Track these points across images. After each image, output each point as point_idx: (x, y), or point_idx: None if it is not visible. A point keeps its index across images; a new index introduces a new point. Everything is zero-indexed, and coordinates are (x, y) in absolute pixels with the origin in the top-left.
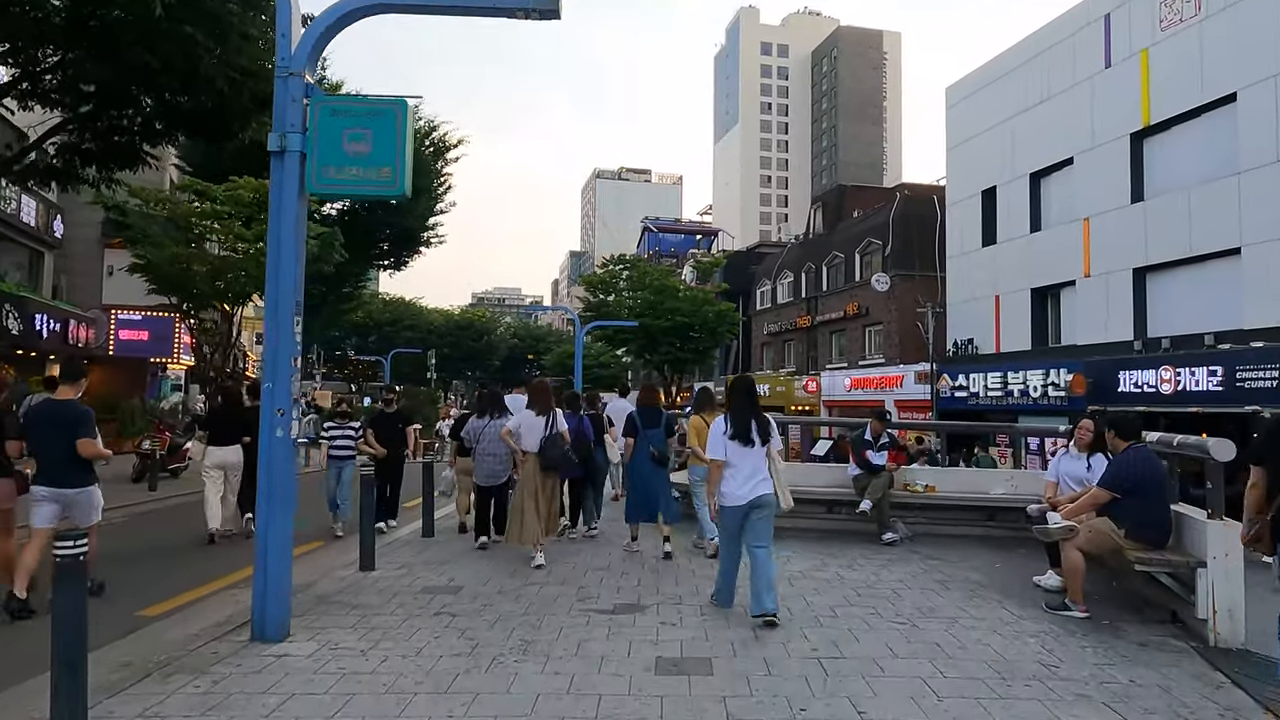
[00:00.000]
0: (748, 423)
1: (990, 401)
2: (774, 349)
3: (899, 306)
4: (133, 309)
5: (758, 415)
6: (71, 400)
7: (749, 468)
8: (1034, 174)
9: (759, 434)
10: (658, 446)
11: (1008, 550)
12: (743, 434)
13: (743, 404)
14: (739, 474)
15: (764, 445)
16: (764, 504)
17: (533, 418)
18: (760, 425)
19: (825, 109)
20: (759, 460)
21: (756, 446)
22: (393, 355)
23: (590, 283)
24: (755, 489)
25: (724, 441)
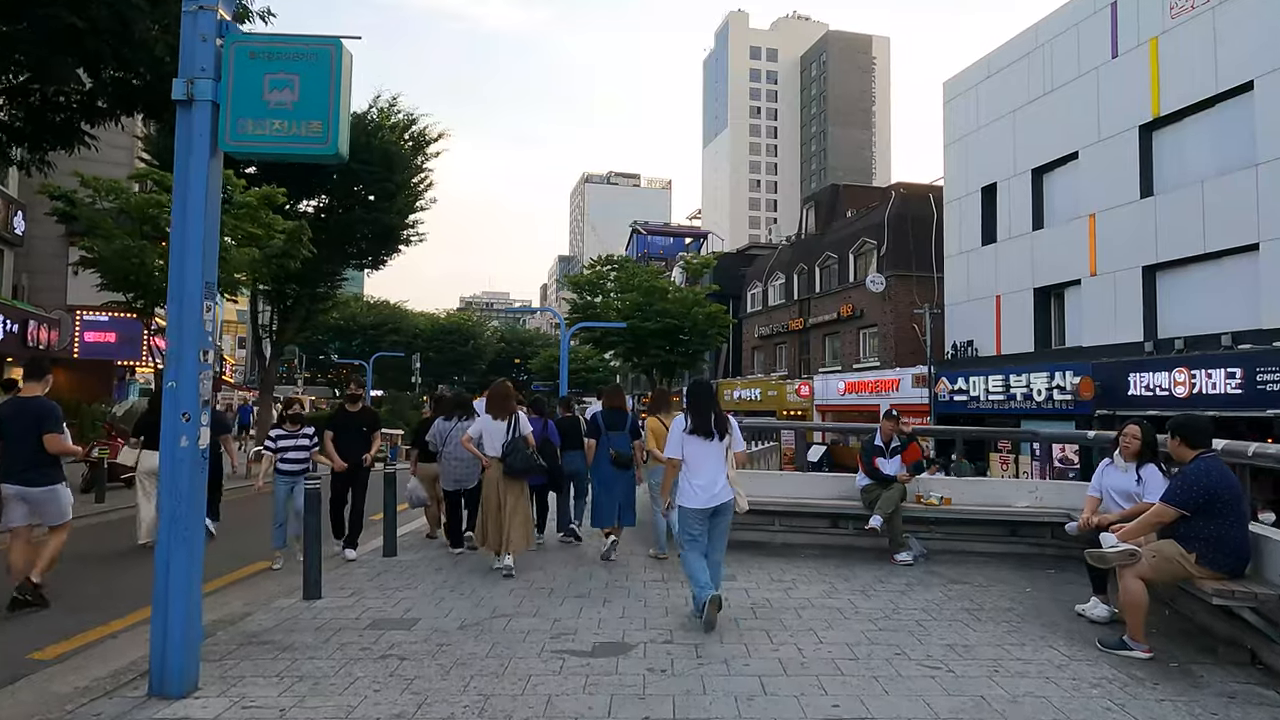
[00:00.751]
0: (708, 416)
1: (991, 405)
2: (765, 352)
3: (895, 308)
4: (99, 310)
5: (717, 410)
6: (38, 396)
7: (710, 469)
8: (1037, 169)
9: (718, 427)
10: (619, 449)
11: (1034, 569)
12: (703, 427)
13: (703, 402)
14: (701, 476)
15: (723, 440)
16: (726, 510)
17: (492, 422)
18: (719, 420)
19: (814, 113)
20: (719, 461)
21: (716, 441)
22: (375, 359)
23: (577, 284)
24: (718, 494)
25: (682, 440)
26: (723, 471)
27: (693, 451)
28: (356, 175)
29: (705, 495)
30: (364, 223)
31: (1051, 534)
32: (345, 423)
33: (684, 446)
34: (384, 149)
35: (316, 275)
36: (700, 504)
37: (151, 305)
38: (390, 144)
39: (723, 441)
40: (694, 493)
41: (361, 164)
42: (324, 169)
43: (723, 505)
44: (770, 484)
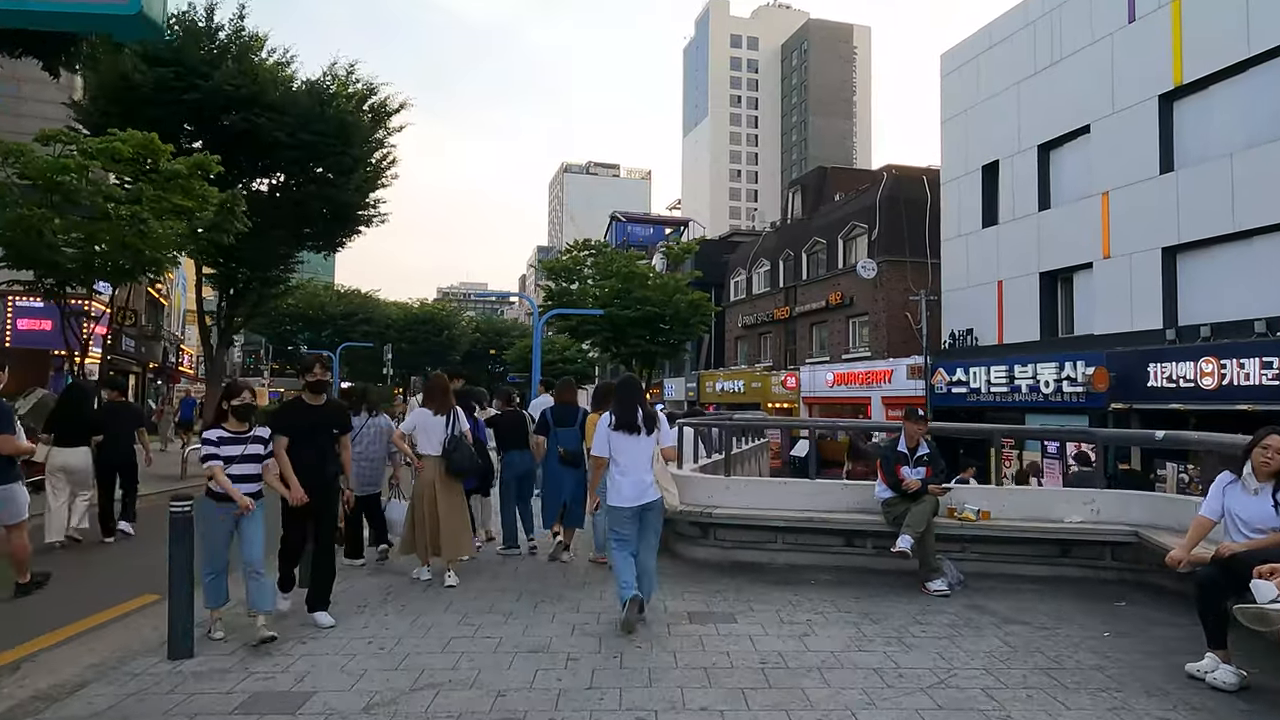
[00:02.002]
0: (633, 411)
1: (994, 398)
2: (749, 343)
3: (887, 295)
4: (36, 296)
5: (644, 405)
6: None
7: (638, 466)
8: (1043, 145)
9: (645, 423)
10: (568, 446)
11: (1098, 601)
12: (628, 423)
13: (629, 397)
14: (628, 473)
15: (650, 435)
16: (655, 509)
17: (430, 417)
18: (646, 415)
19: (795, 102)
20: (647, 458)
21: (643, 437)
22: (342, 349)
23: (552, 269)
24: (645, 492)
25: (608, 435)
26: (650, 468)
27: (619, 448)
28: (310, 148)
29: (633, 493)
30: (318, 200)
31: (1112, 554)
32: (304, 422)
33: (610, 443)
34: (339, 119)
35: (268, 258)
36: (627, 502)
37: (61, 285)
38: (346, 114)
39: (650, 437)
40: (621, 491)
41: (316, 135)
42: (276, 144)
43: (652, 504)
44: (770, 494)
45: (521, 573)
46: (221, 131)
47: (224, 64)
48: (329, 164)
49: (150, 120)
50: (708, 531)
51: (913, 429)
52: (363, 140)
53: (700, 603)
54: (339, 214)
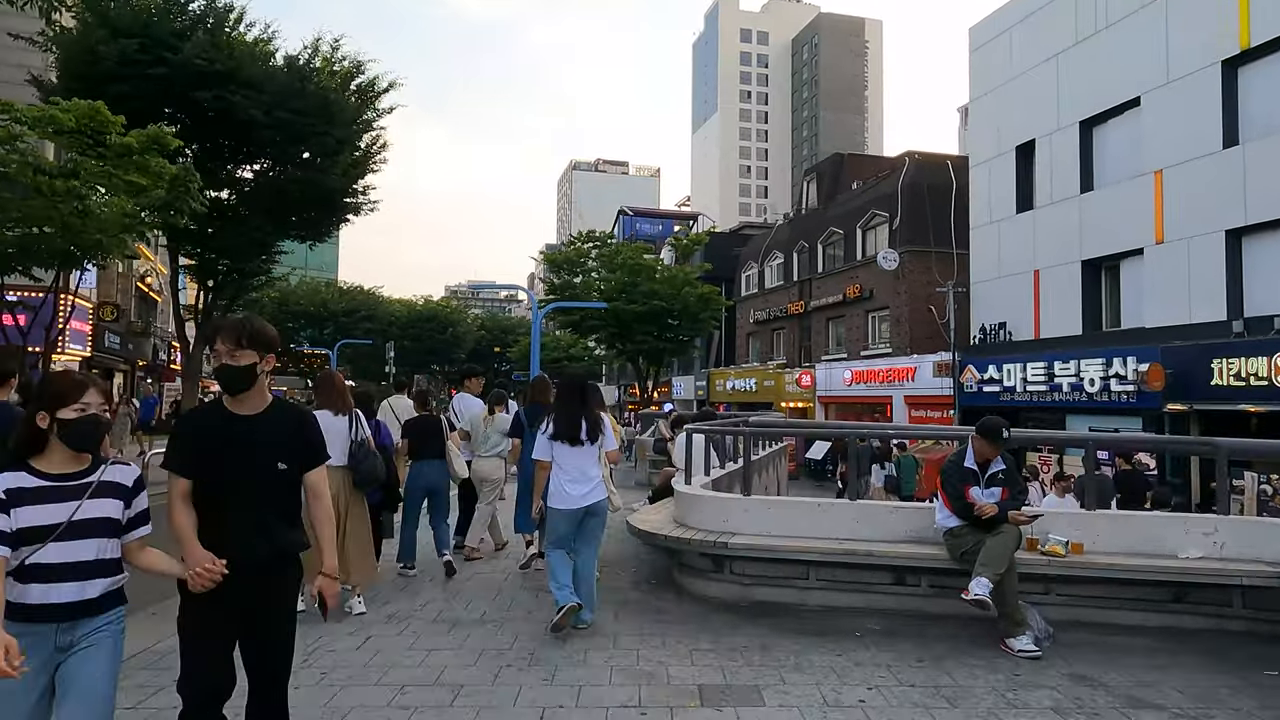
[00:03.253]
0: (576, 422)
1: (1030, 396)
2: (761, 339)
3: (909, 288)
4: (9, 289)
5: (587, 414)
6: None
7: (578, 469)
8: (1086, 121)
9: (588, 434)
10: None
11: (1231, 664)
12: (569, 434)
13: (570, 402)
14: (569, 475)
15: (594, 445)
16: (598, 511)
17: (330, 418)
18: (590, 424)
19: (806, 97)
20: (590, 460)
21: (586, 447)
22: (340, 346)
23: (554, 262)
24: (589, 494)
25: (549, 443)
26: (596, 469)
27: (562, 454)
28: (289, 127)
29: (576, 495)
30: (299, 185)
31: (1243, 600)
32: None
33: (552, 450)
34: (321, 96)
35: (246, 248)
36: (571, 505)
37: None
38: (329, 91)
39: (595, 445)
40: (564, 493)
41: (294, 114)
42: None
43: (595, 506)
44: (801, 518)
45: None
46: (197, 113)
47: (195, 36)
48: (310, 145)
49: (116, 98)
50: (722, 564)
51: (985, 447)
52: (348, 121)
53: (715, 668)
54: (324, 201)
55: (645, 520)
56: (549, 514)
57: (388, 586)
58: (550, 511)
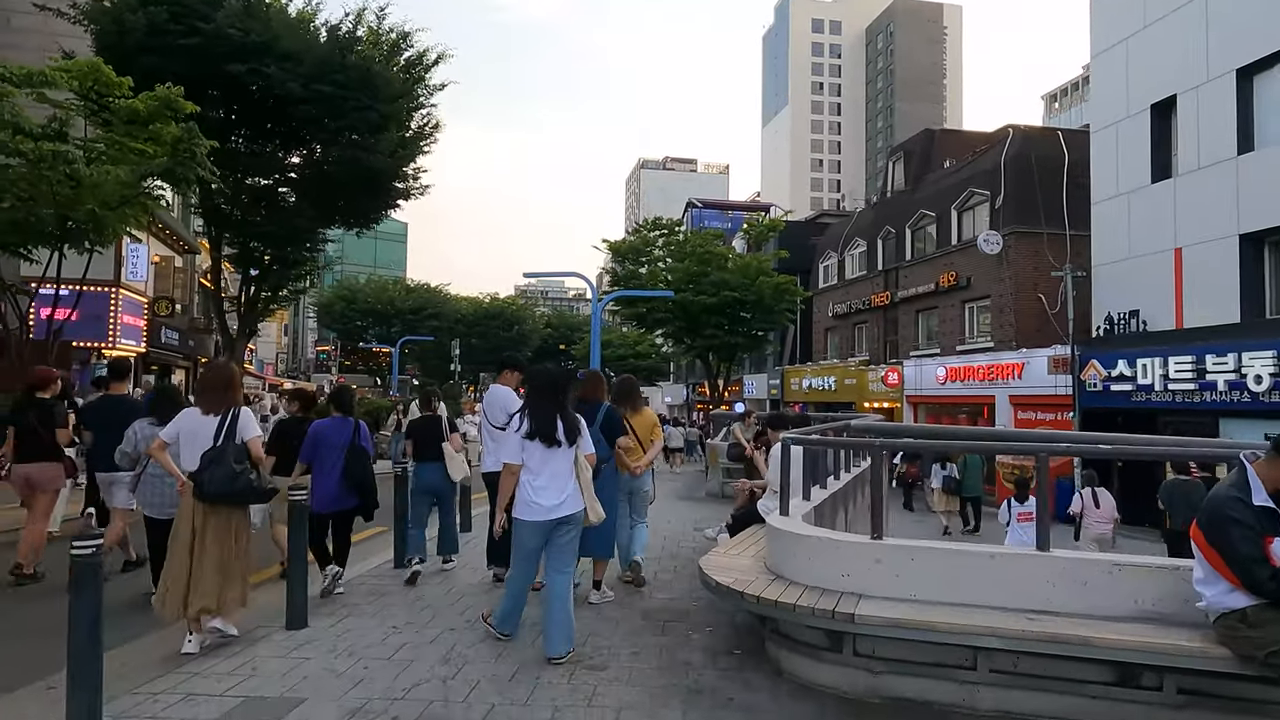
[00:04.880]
0: (552, 420)
1: (1172, 397)
2: (841, 334)
3: (1015, 274)
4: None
5: (564, 413)
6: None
7: (552, 474)
8: (1244, 70)
9: (566, 435)
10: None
11: None
12: (546, 433)
13: (545, 400)
14: (541, 481)
15: (571, 448)
16: (573, 521)
17: (198, 418)
18: (568, 424)
19: (880, 88)
20: (566, 466)
21: (563, 449)
22: (401, 344)
23: (619, 250)
24: (564, 503)
25: (520, 443)
26: (570, 475)
27: (535, 457)
28: (329, 102)
29: (549, 505)
30: (342, 165)
31: None
32: None
33: (524, 452)
34: (363, 68)
35: (287, 234)
36: (540, 516)
37: None
38: (371, 62)
39: (572, 449)
40: (534, 503)
41: (334, 87)
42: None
43: (570, 518)
44: (960, 571)
45: None
46: (239, 93)
47: (228, 3)
48: (352, 121)
49: (147, 72)
50: (842, 641)
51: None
52: (393, 95)
53: None
54: (369, 182)
55: (725, 566)
56: (515, 527)
57: None
58: (516, 524)
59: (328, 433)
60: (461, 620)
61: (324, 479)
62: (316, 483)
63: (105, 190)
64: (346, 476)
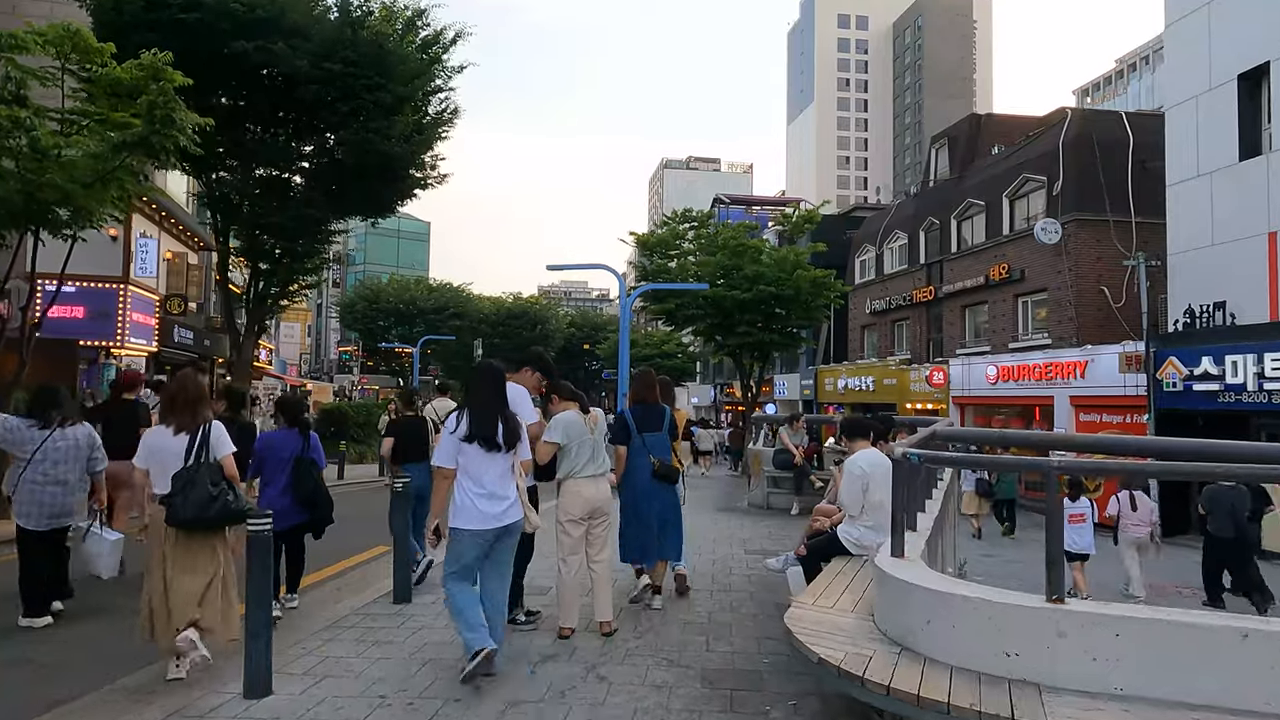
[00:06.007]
0: (493, 421)
1: (1269, 398)
2: (879, 331)
3: (1075, 265)
4: (67, 279)
5: (506, 415)
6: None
7: (496, 482)
8: None
9: (507, 438)
10: (661, 457)
11: None
12: (485, 436)
13: (487, 397)
14: (485, 488)
15: (509, 452)
16: (514, 533)
17: (166, 438)
18: (509, 426)
19: (908, 83)
20: (505, 471)
21: (502, 454)
22: (423, 343)
23: (647, 244)
24: (504, 513)
25: (456, 445)
26: (510, 482)
27: (471, 461)
28: (339, 81)
29: (489, 513)
30: (353, 149)
31: None
32: None
33: (459, 456)
34: (375, 44)
35: (298, 225)
36: (479, 525)
37: None
38: (384, 38)
39: (510, 452)
40: (475, 510)
41: (344, 65)
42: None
43: (512, 527)
44: (1194, 653)
45: None
46: (243, 75)
47: None
48: (364, 102)
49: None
50: None
51: None
52: (408, 75)
53: None
54: (382, 169)
55: (821, 627)
56: (453, 537)
57: None
58: (454, 534)
59: (275, 444)
60: (470, 686)
61: (269, 491)
62: (263, 497)
63: (78, 166)
64: (295, 489)
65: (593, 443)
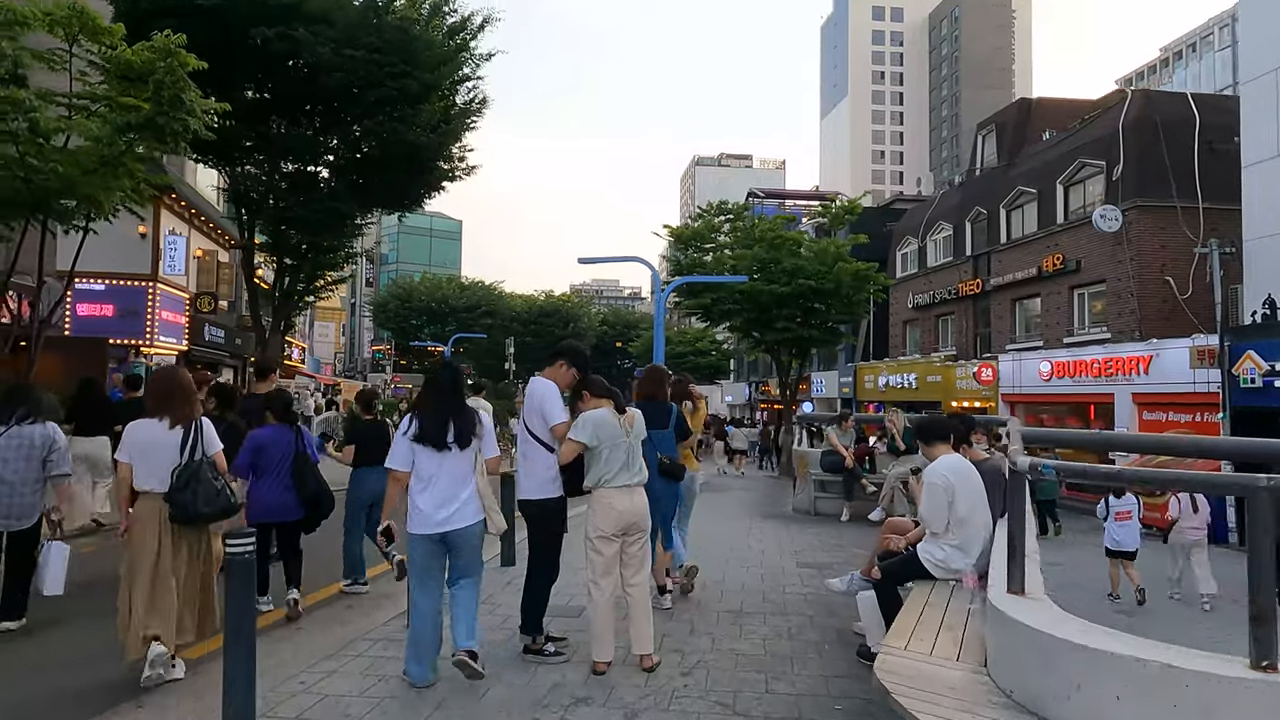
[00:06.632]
0: (443, 421)
1: None
2: (922, 327)
3: (1138, 254)
4: (96, 277)
5: (460, 411)
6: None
7: (447, 483)
8: None
9: (457, 438)
10: (668, 453)
11: None
12: (435, 436)
13: (438, 398)
14: (432, 490)
15: (466, 452)
16: (465, 537)
17: (156, 430)
18: (461, 425)
19: (945, 75)
20: (461, 472)
21: (455, 453)
22: (454, 341)
23: (681, 236)
24: (454, 515)
25: (408, 446)
26: (465, 482)
27: (423, 462)
28: (362, 68)
29: (437, 517)
30: (378, 139)
31: None
32: None
33: (413, 455)
34: (400, 29)
35: (322, 219)
36: (428, 529)
37: None
38: (409, 23)
39: (467, 452)
40: (419, 514)
41: (368, 52)
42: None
43: (460, 532)
44: None
45: None
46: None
47: None
48: (389, 90)
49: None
50: None
51: None
52: (434, 62)
53: None
54: (408, 160)
55: (922, 683)
56: (409, 542)
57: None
58: (409, 539)
59: (267, 441)
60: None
61: (264, 487)
62: (256, 491)
63: (81, 151)
64: (298, 486)
65: (627, 446)
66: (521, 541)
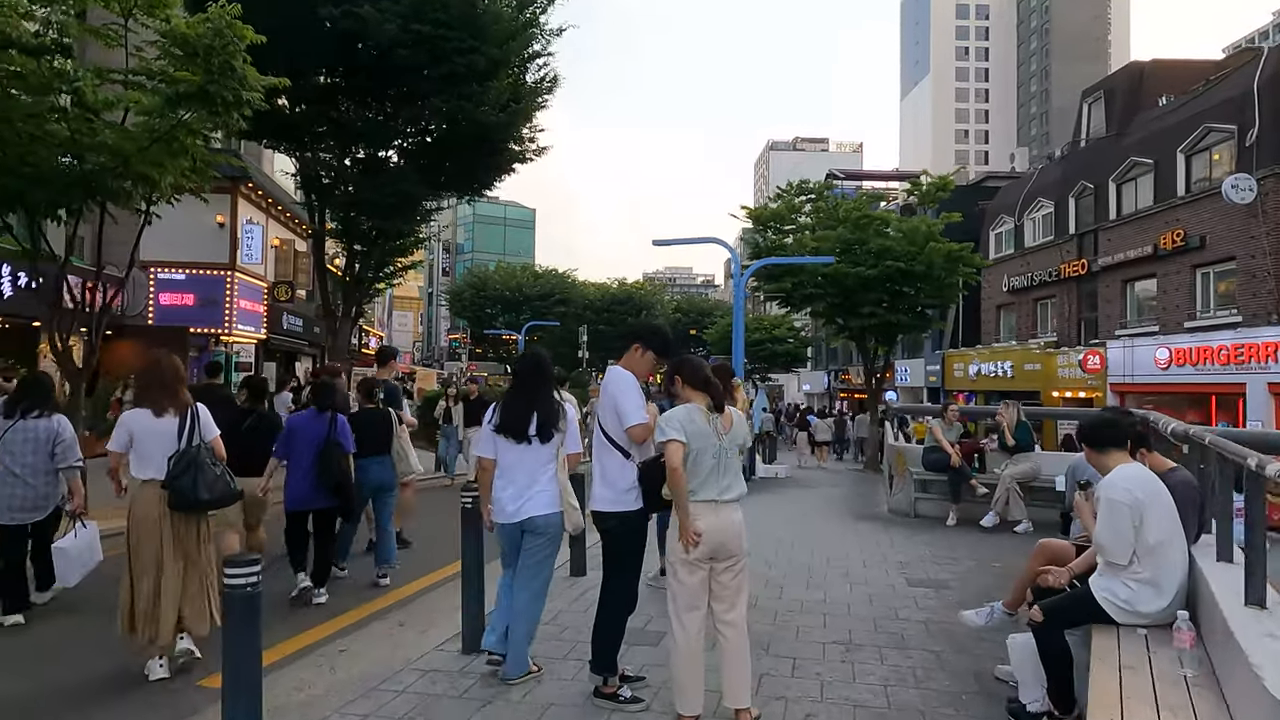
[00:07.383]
0: (523, 413)
1: None
2: (1017, 312)
3: (1276, 227)
4: (176, 266)
5: (542, 404)
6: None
7: (525, 474)
8: None
9: (539, 431)
10: None
11: None
12: (514, 428)
13: (523, 390)
14: (510, 481)
15: (546, 444)
16: (539, 529)
17: (150, 419)
18: (543, 418)
19: (1034, 49)
20: (540, 464)
21: (535, 446)
22: (526, 329)
23: (760, 218)
24: (527, 505)
25: (491, 436)
26: (543, 475)
27: (505, 453)
28: (429, 45)
29: (509, 509)
30: (445, 118)
31: None
32: None
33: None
34: (468, 2)
35: (390, 203)
36: (503, 519)
37: None
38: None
39: (549, 445)
40: (497, 504)
41: (434, 26)
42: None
43: (533, 522)
44: None
45: None
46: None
47: None
48: (455, 66)
49: None
50: None
51: None
52: (502, 37)
53: None
54: (477, 140)
55: None
56: (497, 529)
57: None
58: (497, 526)
59: (301, 427)
60: None
61: (296, 476)
62: (290, 479)
63: (137, 133)
64: (321, 474)
65: (718, 452)
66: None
